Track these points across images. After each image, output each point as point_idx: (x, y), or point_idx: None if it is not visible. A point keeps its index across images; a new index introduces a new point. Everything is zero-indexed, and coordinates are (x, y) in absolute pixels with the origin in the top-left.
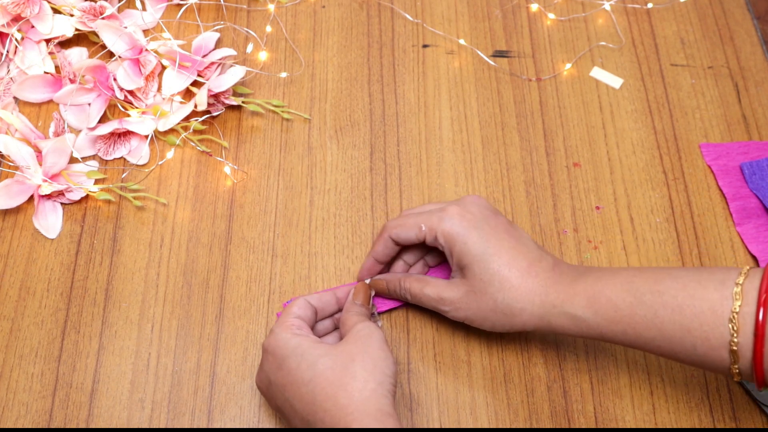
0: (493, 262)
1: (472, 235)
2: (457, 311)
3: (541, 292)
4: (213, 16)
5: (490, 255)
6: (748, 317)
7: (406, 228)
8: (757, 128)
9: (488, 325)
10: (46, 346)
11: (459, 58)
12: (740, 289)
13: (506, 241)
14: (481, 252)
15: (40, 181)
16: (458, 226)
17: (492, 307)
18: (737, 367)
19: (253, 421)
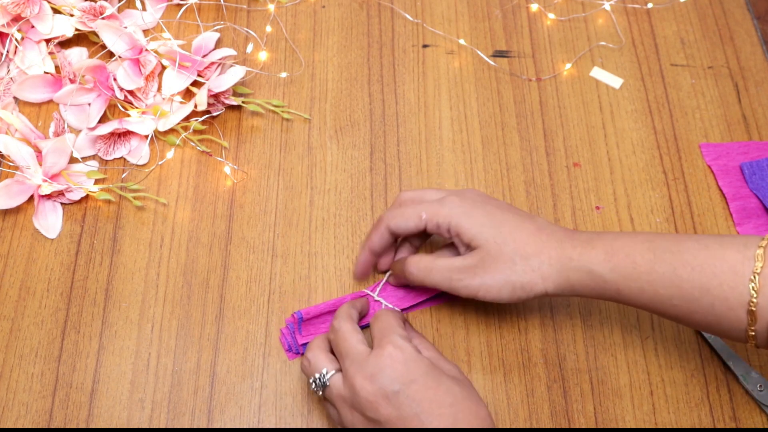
0: (504, 227)
1: (476, 212)
2: (473, 278)
3: (556, 246)
4: (213, 16)
5: (499, 222)
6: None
7: (405, 218)
8: (757, 128)
9: (506, 291)
10: (46, 346)
11: (459, 58)
12: (763, 251)
13: (509, 213)
14: (489, 222)
15: (40, 181)
16: (459, 208)
17: (509, 267)
18: (754, 329)
19: (253, 421)
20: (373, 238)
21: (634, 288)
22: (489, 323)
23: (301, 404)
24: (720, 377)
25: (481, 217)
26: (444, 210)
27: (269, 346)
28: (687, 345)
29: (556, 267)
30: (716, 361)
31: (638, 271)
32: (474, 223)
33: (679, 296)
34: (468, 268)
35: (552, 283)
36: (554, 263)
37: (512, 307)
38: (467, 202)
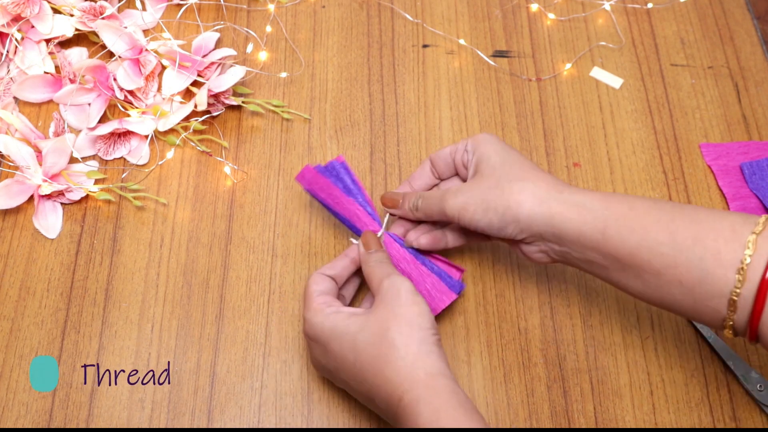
0: (508, 156)
1: (498, 142)
2: (456, 195)
3: (551, 182)
4: (213, 16)
5: (508, 153)
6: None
7: (443, 149)
8: (757, 128)
9: (482, 208)
10: (46, 346)
11: (459, 58)
12: (765, 219)
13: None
14: (500, 150)
15: (40, 181)
16: (488, 136)
17: (492, 184)
18: (738, 293)
19: (253, 421)
20: (416, 174)
21: (624, 227)
22: (489, 323)
23: (301, 404)
24: (720, 377)
25: (499, 145)
26: (477, 136)
27: (269, 346)
28: (687, 345)
29: (540, 196)
30: (716, 361)
31: (634, 212)
32: (489, 147)
33: (669, 242)
34: (459, 189)
35: (527, 211)
36: (539, 192)
37: (512, 307)
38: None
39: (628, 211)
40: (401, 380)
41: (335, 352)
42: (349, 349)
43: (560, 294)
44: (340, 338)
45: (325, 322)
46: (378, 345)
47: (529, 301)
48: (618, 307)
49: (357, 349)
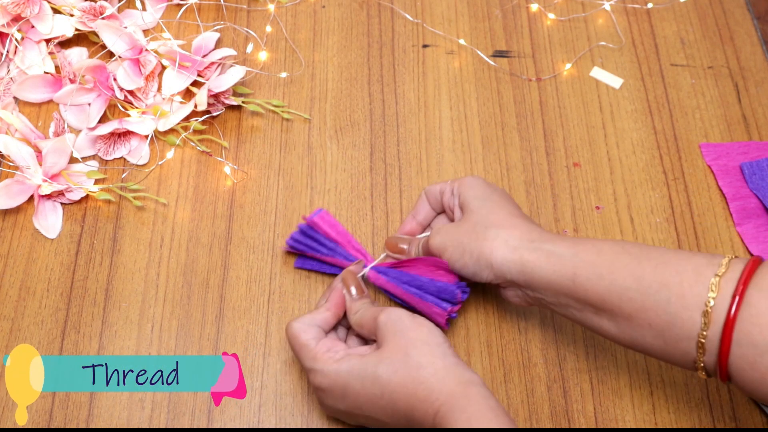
0: (488, 201)
1: (485, 187)
2: (438, 234)
3: (523, 229)
4: (213, 16)
5: (490, 198)
6: (730, 282)
7: (435, 184)
8: (757, 128)
9: (458, 252)
10: (46, 346)
11: (459, 58)
12: (728, 260)
13: (507, 200)
14: (483, 194)
15: (40, 181)
16: (475, 180)
17: (469, 230)
18: (705, 335)
19: (253, 421)
20: (418, 207)
21: (593, 274)
22: (489, 323)
23: (301, 404)
24: None
25: (483, 190)
26: (464, 180)
27: (269, 346)
28: None
29: (512, 243)
30: None
31: (602, 259)
32: (474, 192)
33: (636, 287)
34: (442, 229)
35: (500, 258)
36: (512, 240)
37: (512, 307)
38: (483, 181)
39: (595, 257)
40: (436, 396)
41: (357, 392)
42: (372, 385)
43: None
44: (360, 378)
45: (340, 369)
46: (403, 371)
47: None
48: None
49: (381, 383)
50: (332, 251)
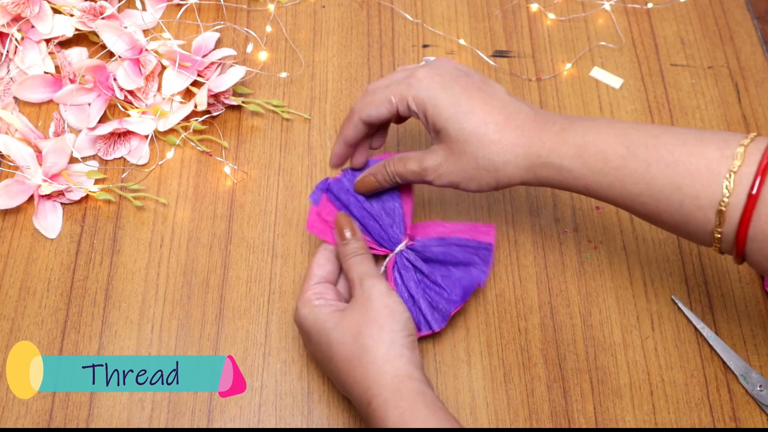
0: (467, 121)
1: (442, 96)
2: (441, 177)
3: (524, 143)
4: (213, 16)
5: (463, 114)
6: (745, 178)
7: (375, 105)
8: (757, 128)
9: (474, 184)
10: (46, 346)
11: (459, 58)
12: (743, 150)
13: (478, 98)
14: (453, 112)
15: (40, 181)
16: (427, 90)
17: (474, 165)
18: (720, 231)
19: (253, 421)
20: (347, 131)
21: (604, 183)
22: (489, 323)
23: (301, 404)
24: (720, 377)
25: (447, 104)
26: (412, 91)
27: (269, 346)
28: (687, 345)
29: (523, 165)
30: (716, 361)
31: (609, 167)
32: (441, 111)
33: (648, 193)
34: (435, 168)
35: (518, 179)
36: (521, 161)
37: (512, 307)
38: (435, 82)
39: (603, 166)
40: (369, 384)
41: (316, 345)
42: (325, 345)
43: (560, 294)
44: (318, 333)
45: (309, 315)
46: (350, 345)
47: (529, 301)
48: (618, 307)
49: (332, 347)
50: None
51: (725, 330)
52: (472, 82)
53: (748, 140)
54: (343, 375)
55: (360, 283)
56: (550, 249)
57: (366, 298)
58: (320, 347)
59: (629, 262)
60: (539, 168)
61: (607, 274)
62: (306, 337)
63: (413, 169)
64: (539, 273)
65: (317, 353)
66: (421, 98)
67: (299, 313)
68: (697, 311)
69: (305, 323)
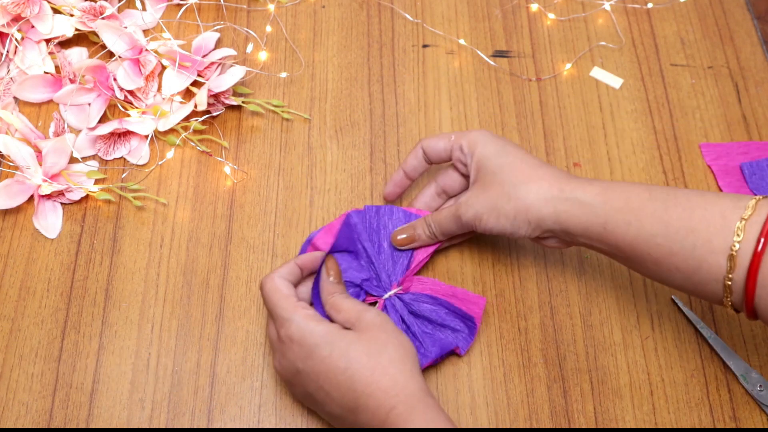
0: (507, 157)
1: (494, 140)
2: (468, 208)
3: (550, 179)
4: (213, 16)
5: (506, 153)
6: (755, 225)
7: (437, 138)
8: (757, 128)
9: (494, 216)
10: (46, 346)
11: (459, 58)
12: (755, 202)
13: (523, 151)
14: (497, 151)
15: (40, 181)
16: (482, 135)
17: (498, 192)
18: (731, 278)
19: (253, 421)
20: (408, 158)
21: (622, 222)
22: (489, 323)
23: (301, 404)
24: (720, 377)
25: (495, 145)
26: (470, 135)
27: (269, 346)
28: (687, 345)
29: (544, 196)
30: (716, 361)
31: (630, 206)
32: (487, 149)
33: (663, 233)
34: (466, 200)
35: (536, 212)
36: (543, 193)
37: (512, 307)
38: (490, 134)
39: (624, 205)
40: (396, 391)
41: (322, 357)
42: (339, 357)
43: (560, 294)
44: (331, 345)
45: (316, 329)
46: (375, 358)
47: (529, 301)
48: (618, 307)
49: (350, 358)
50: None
51: (725, 330)
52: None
53: (761, 197)
54: (361, 385)
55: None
56: (550, 249)
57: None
58: (330, 359)
59: None
60: (560, 202)
61: (607, 274)
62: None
63: (450, 209)
64: (539, 273)
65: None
66: (474, 139)
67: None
68: (697, 311)
69: (311, 335)
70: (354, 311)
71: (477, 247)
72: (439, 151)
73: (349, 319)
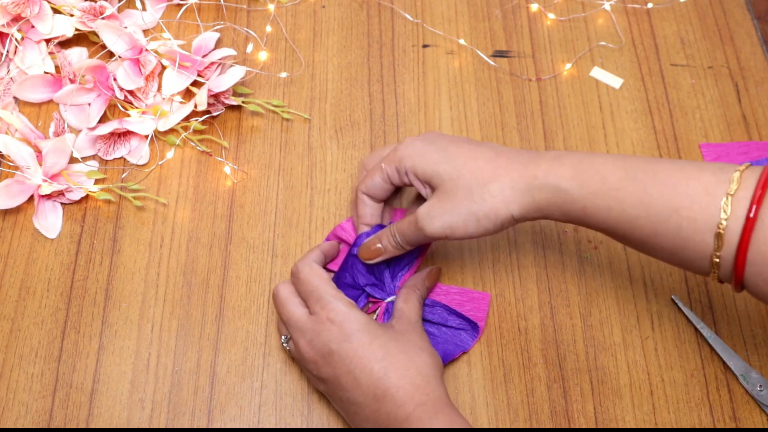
0: (456, 160)
1: (429, 149)
2: (433, 220)
3: (518, 168)
4: (213, 16)
5: (452, 155)
6: (742, 201)
7: (372, 177)
8: (757, 128)
9: (472, 223)
10: (46, 346)
11: (459, 58)
12: (739, 174)
13: (465, 145)
14: (442, 158)
15: (40, 181)
16: (413, 147)
17: (468, 200)
18: (719, 255)
19: (253, 421)
20: (359, 210)
21: (602, 206)
22: (489, 323)
23: (301, 404)
24: (720, 377)
25: (434, 154)
26: (398, 154)
27: (269, 346)
28: (687, 345)
29: (519, 188)
30: (716, 361)
31: (607, 188)
32: (428, 161)
33: (646, 215)
34: (428, 212)
35: (516, 206)
36: (516, 184)
37: (512, 307)
38: (419, 142)
39: (600, 187)
40: (429, 391)
41: (363, 342)
42: (379, 348)
43: (560, 294)
44: (372, 334)
45: (360, 316)
46: (412, 357)
47: (529, 301)
48: (618, 307)
49: (389, 350)
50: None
51: (725, 330)
52: (457, 138)
53: (743, 167)
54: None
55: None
56: (550, 249)
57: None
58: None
59: (629, 262)
60: (536, 190)
61: (607, 274)
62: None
63: (410, 220)
64: (539, 273)
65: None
66: (409, 155)
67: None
68: (697, 311)
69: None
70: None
71: (477, 247)
72: (380, 187)
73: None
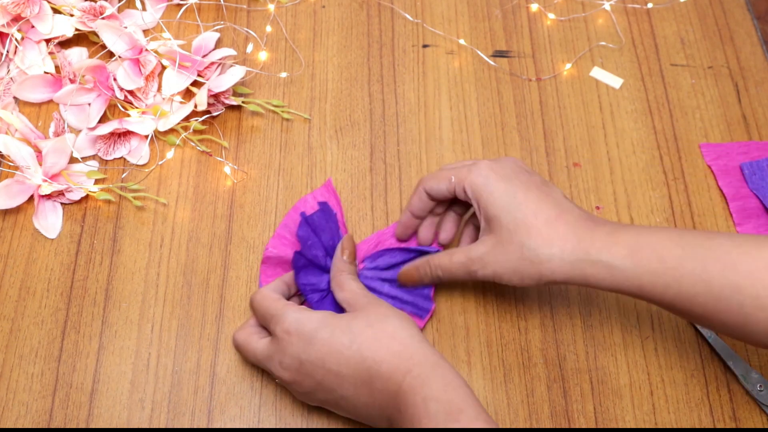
0: (519, 211)
1: (499, 185)
2: (485, 267)
3: (572, 239)
4: (213, 16)
5: (517, 204)
6: None
7: (438, 179)
8: (757, 128)
9: (517, 277)
10: (46, 346)
11: (459, 58)
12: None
13: (534, 193)
14: (507, 202)
15: (40, 181)
16: (485, 177)
17: (519, 255)
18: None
19: (253, 421)
20: (412, 200)
21: (659, 284)
22: (489, 323)
23: (301, 404)
24: (720, 377)
25: (503, 196)
26: (470, 176)
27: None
28: (687, 345)
29: (569, 260)
30: (716, 361)
31: (665, 267)
32: (494, 200)
33: (706, 294)
34: (481, 257)
35: (563, 275)
36: (568, 257)
37: (512, 307)
38: (495, 172)
39: (658, 266)
40: (410, 353)
41: (324, 340)
42: (342, 334)
43: (560, 294)
44: (330, 327)
45: (312, 315)
46: (378, 327)
47: (529, 301)
48: (618, 307)
49: (353, 332)
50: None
51: None
52: (531, 180)
53: None
54: (370, 353)
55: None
56: None
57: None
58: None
59: None
60: (587, 266)
61: None
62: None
63: (460, 260)
64: None
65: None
66: (478, 185)
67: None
68: None
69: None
70: (357, 293)
71: None
72: (442, 193)
73: (350, 299)
